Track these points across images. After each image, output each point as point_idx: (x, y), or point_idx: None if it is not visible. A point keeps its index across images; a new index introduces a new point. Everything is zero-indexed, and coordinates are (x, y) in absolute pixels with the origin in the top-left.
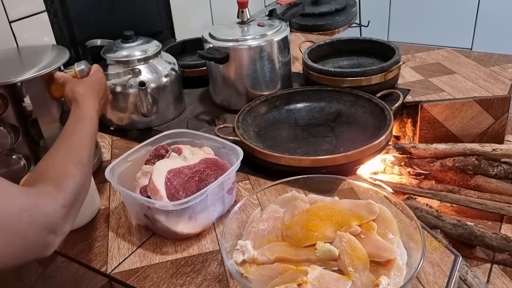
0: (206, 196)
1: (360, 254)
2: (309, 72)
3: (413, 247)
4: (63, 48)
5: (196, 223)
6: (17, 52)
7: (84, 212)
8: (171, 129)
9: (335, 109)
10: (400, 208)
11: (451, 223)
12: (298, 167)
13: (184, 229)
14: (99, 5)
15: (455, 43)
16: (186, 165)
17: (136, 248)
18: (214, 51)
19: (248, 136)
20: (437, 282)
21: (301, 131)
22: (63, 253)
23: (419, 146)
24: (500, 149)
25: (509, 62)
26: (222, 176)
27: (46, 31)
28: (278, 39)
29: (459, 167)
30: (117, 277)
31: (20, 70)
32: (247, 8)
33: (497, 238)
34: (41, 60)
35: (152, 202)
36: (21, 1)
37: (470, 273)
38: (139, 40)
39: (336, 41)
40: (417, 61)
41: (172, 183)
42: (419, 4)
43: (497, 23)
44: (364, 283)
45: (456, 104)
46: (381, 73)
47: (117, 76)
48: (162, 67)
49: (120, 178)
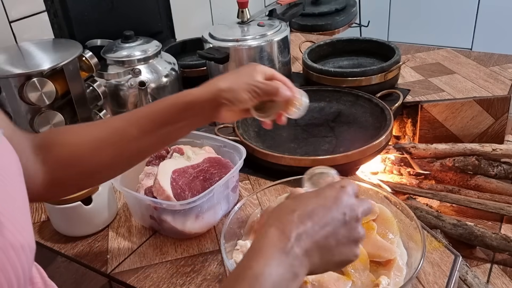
0: (213, 194)
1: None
2: (309, 72)
3: (413, 247)
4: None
5: (202, 222)
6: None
7: (105, 215)
8: None
9: (335, 109)
10: (400, 208)
11: (451, 223)
12: (298, 167)
13: (191, 228)
14: (99, 5)
15: (455, 43)
16: (190, 165)
17: (136, 248)
18: (214, 51)
19: (248, 136)
20: (437, 282)
21: (301, 131)
22: (63, 253)
23: (419, 146)
24: (500, 149)
25: (509, 62)
26: (228, 174)
27: (46, 31)
28: (278, 39)
29: (459, 167)
30: (117, 277)
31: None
32: (247, 8)
33: (497, 238)
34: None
35: (159, 203)
36: (21, 1)
37: (470, 273)
38: (139, 40)
39: (336, 41)
40: (417, 61)
41: (177, 183)
42: (419, 4)
43: (497, 23)
44: (364, 283)
45: (456, 104)
46: (381, 73)
47: (117, 76)
48: (162, 67)
49: (122, 180)
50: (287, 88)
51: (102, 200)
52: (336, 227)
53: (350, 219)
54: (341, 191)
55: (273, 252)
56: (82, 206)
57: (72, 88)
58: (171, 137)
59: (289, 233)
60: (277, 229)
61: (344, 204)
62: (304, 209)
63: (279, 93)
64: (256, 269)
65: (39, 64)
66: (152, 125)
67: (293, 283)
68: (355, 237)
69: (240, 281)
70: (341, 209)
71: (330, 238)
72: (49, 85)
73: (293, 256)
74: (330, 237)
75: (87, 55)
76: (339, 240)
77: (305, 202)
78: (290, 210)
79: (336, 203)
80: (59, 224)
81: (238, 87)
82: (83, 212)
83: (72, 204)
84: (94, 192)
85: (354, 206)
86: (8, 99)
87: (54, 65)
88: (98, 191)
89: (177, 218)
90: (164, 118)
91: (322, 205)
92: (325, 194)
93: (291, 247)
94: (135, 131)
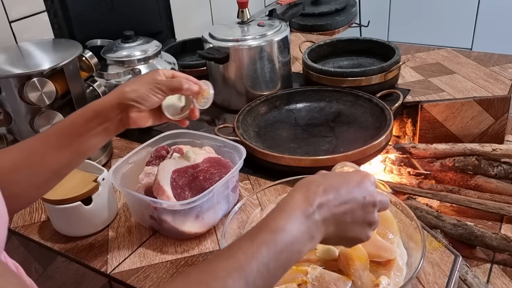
0: (213, 194)
1: (360, 254)
2: (309, 72)
3: (413, 247)
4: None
5: (203, 222)
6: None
7: (105, 215)
8: (171, 129)
9: (335, 109)
10: (400, 208)
11: (451, 223)
12: (298, 167)
13: (191, 228)
14: (99, 5)
15: (455, 43)
16: (190, 165)
17: (136, 248)
18: (214, 51)
19: (248, 136)
20: (437, 282)
21: (301, 131)
22: (63, 253)
23: (419, 146)
24: (500, 149)
25: (509, 62)
26: (228, 174)
27: (46, 31)
28: (278, 39)
29: (459, 167)
30: (117, 277)
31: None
32: (247, 8)
33: (497, 238)
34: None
35: (159, 203)
36: (21, 1)
37: (470, 273)
38: (139, 40)
39: (336, 41)
40: (417, 61)
41: (177, 183)
42: (419, 4)
43: (497, 23)
44: (364, 283)
45: (456, 104)
46: (381, 73)
47: (117, 76)
48: (162, 67)
49: (122, 180)
50: (191, 82)
51: (102, 200)
52: (354, 206)
53: (368, 203)
54: (366, 177)
55: (296, 212)
56: (82, 206)
57: (72, 88)
58: (87, 148)
59: (312, 200)
60: (302, 195)
61: (366, 188)
62: (330, 184)
63: (183, 86)
64: (279, 223)
65: (39, 64)
66: (64, 140)
67: (308, 244)
68: (370, 220)
69: (263, 232)
70: (362, 192)
71: (348, 215)
72: (49, 85)
73: (313, 221)
74: (348, 214)
75: (87, 55)
76: (355, 218)
77: (331, 179)
78: (318, 182)
79: (359, 185)
80: (59, 224)
81: (142, 87)
82: (83, 212)
83: (72, 204)
84: (94, 192)
85: (374, 193)
86: (8, 99)
87: (54, 65)
88: (98, 191)
89: (177, 218)
90: (74, 131)
91: (346, 184)
92: (351, 177)
93: (312, 212)
94: (49, 149)
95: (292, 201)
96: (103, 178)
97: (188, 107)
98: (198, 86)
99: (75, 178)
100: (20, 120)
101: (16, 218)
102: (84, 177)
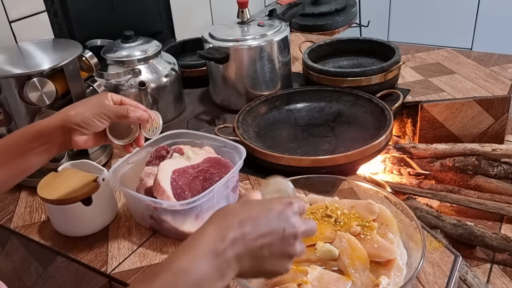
0: (213, 194)
1: (360, 254)
2: (309, 72)
3: (413, 247)
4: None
5: (202, 222)
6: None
7: (105, 215)
8: (171, 129)
9: (335, 109)
10: (400, 208)
11: (451, 223)
12: (298, 167)
13: (191, 228)
14: (99, 5)
15: (455, 43)
16: (190, 165)
17: (136, 248)
18: (214, 51)
19: (248, 136)
20: (437, 282)
21: (301, 131)
22: (63, 253)
23: (419, 146)
24: (500, 149)
25: (509, 62)
26: (228, 174)
27: (46, 31)
28: (278, 39)
29: (459, 167)
30: (117, 277)
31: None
32: (247, 8)
33: (497, 238)
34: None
35: (159, 203)
36: (21, 1)
37: (470, 273)
38: (139, 40)
39: (336, 41)
40: (417, 61)
41: (177, 183)
42: (419, 4)
43: (497, 23)
44: (364, 283)
45: (456, 104)
46: (381, 73)
47: (117, 76)
48: (162, 67)
49: (122, 180)
50: (139, 109)
51: (102, 200)
52: (273, 239)
53: (288, 235)
54: (287, 207)
55: (205, 250)
56: (82, 206)
57: (72, 88)
58: (28, 166)
59: (225, 236)
60: (215, 229)
61: (286, 220)
62: (247, 216)
63: (129, 114)
64: (183, 263)
65: (39, 64)
66: (5, 158)
67: (218, 283)
68: (290, 253)
69: (164, 273)
70: (282, 223)
71: (265, 248)
72: (49, 85)
73: (224, 258)
74: (265, 248)
75: (87, 55)
76: (273, 252)
77: (250, 209)
78: (234, 214)
79: (278, 217)
80: (59, 224)
81: (87, 110)
82: (83, 212)
83: (72, 204)
84: (94, 192)
85: (296, 224)
86: (8, 99)
87: (54, 65)
88: (98, 191)
89: (177, 218)
90: (15, 150)
91: (265, 215)
92: (271, 206)
93: (224, 249)
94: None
95: (203, 237)
96: (103, 178)
97: (134, 134)
98: (147, 115)
99: (75, 178)
100: (20, 120)
101: (16, 218)
102: (84, 177)
